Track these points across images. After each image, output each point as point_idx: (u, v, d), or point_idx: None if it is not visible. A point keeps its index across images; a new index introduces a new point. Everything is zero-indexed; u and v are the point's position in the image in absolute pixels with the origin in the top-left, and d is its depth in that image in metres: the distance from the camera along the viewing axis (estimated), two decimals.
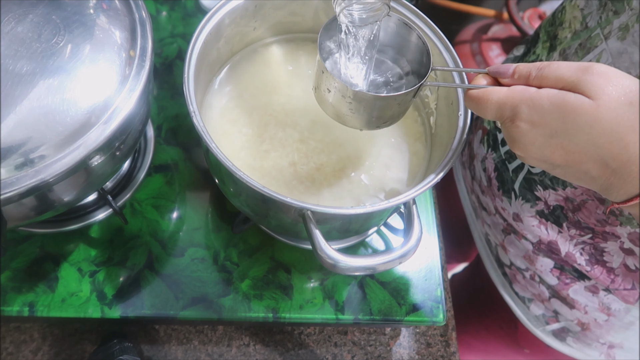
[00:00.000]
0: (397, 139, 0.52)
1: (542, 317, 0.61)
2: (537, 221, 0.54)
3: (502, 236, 0.61)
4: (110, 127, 0.38)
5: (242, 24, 0.51)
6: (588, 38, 0.47)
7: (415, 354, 0.56)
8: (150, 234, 0.54)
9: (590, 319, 0.56)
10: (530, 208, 0.54)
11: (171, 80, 0.64)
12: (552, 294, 0.58)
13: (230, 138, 0.49)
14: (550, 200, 0.51)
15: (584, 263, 0.52)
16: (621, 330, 0.55)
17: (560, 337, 0.61)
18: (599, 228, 0.49)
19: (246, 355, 0.54)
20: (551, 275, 0.56)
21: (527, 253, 0.57)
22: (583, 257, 0.52)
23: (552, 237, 0.53)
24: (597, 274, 0.51)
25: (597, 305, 0.54)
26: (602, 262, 0.51)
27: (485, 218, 0.64)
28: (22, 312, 0.49)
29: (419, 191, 0.40)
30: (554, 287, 0.57)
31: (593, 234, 0.50)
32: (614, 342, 0.57)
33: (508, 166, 0.56)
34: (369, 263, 0.39)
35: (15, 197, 0.35)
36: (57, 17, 0.39)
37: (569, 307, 0.57)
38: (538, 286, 0.59)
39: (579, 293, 0.55)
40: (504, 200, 0.58)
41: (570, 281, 0.55)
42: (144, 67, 0.41)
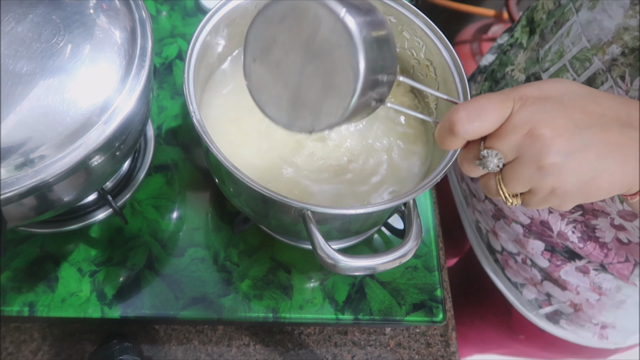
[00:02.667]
0: (399, 138, 0.52)
1: (535, 301, 0.61)
2: None
3: (492, 222, 0.61)
4: (110, 127, 0.38)
5: (242, 24, 0.51)
6: (561, 14, 0.48)
7: (415, 354, 0.56)
8: (150, 234, 0.54)
9: (582, 300, 0.57)
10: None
11: (171, 80, 0.64)
12: (544, 277, 0.58)
13: (230, 138, 0.49)
14: None
15: (577, 240, 0.52)
16: (612, 309, 0.56)
17: (554, 319, 0.61)
18: (588, 206, 0.49)
19: (246, 355, 0.54)
20: (542, 258, 0.57)
21: (518, 237, 0.58)
22: (575, 234, 0.52)
23: (544, 216, 0.53)
24: (591, 249, 0.52)
25: (589, 285, 0.55)
26: (594, 238, 0.51)
27: (475, 205, 0.64)
28: (22, 312, 0.49)
29: (419, 191, 0.40)
30: (546, 270, 0.57)
31: (583, 211, 0.50)
32: (606, 322, 0.58)
33: None
34: (369, 263, 0.39)
35: (15, 197, 0.35)
36: (57, 17, 0.39)
37: (561, 288, 0.57)
38: (530, 270, 0.59)
39: (570, 274, 0.55)
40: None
41: (561, 263, 0.55)
42: (144, 67, 0.41)
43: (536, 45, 0.52)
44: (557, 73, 0.48)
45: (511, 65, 0.57)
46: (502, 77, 0.59)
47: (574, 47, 0.46)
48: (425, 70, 0.52)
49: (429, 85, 0.53)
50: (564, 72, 0.48)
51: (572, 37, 0.46)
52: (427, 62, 0.52)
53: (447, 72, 0.48)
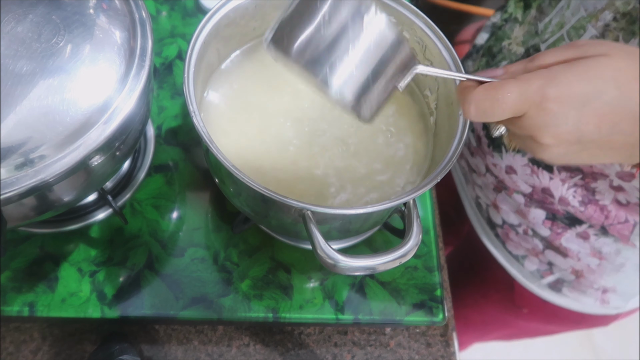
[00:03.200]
0: (398, 138, 0.52)
1: (537, 272, 0.63)
2: (529, 169, 0.55)
3: (493, 195, 0.62)
4: (110, 127, 0.38)
5: (242, 24, 0.51)
6: None
7: (415, 354, 0.56)
8: (150, 234, 0.54)
9: (584, 265, 0.58)
10: (522, 157, 0.56)
11: (171, 80, 0.63)
12: (545, 246, 0.60)
13: (230, 137, 0.49)
14: None
15: (578, 204, 0.53)
16: (613, 273, 0.58)
17: (556, 288, 0.63)
18: (588, 169, 0.51)
19: (246, 355, 0.54)
20: (543, 227, 0.58)
21: (519, 207, 0.59)
22: (576, 198, 0.53)
23: (545, 183, 0.55)
24: (591, 212, 0.53)
25: (589, 250, 0.56)
26: (594, 201, 0.52)
27: (475, 180, 0.65)
28: (22, 312, 0.49)
29: (419, 191, 0.40)
30: (547, 239, 0.59)
31: (583, 175, 0.51)
32: (607, 286, 0.60)
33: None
34: (369, 263, 0.39)
35: (15, 197, 0.35)
36: (57, 17, 0.39)
37: (562, 256, 0.59)
38: (531, 240, 0.60)
39: (570, 241, 0.57)
40: (494, 156, 0.59)
41: (562, 230, 0.57)
42: (144, 67, 0.41)
43: (533, 19, 0.54)
44: (555, 43, 0.50)
45: (507, 40, 0.58)
46: (498, 51, 0.60)
47: (573, 18, 0.47)
48: None
49: (429, 85, 0.53)
50: (560, 42, 0.49)
51: (572, 9, 0.48)
52: (427, 62, 0.52)
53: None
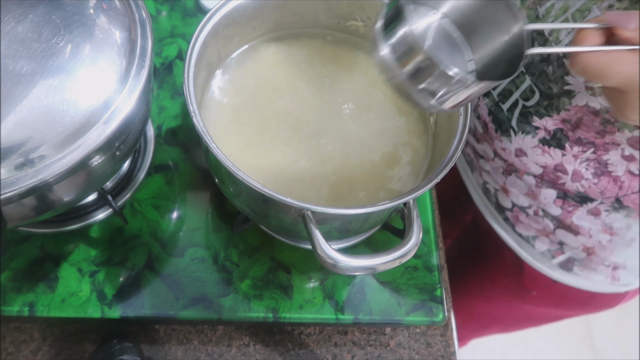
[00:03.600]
0: (399, 138, 0.52)
1: (548, 252, 0.63)
2: (540, 150, 0.56)
3: (502, 179, 0.63)
4: (110, 127, 0.38)
5: (242, 24, 0.51)
6: None
7: (415, 354, 0.56)
8: (150, 234, 0.54)
9: (595, 242, 0.59)
10: (532, 139, 0.56)
11: (171, 80, 0.64)
12: (556, 225, 0.60)
13: (230, 137, 0.49)
14: (549, 125, 0.54)
15: (591, 177, 0.54)
16: (623, 248, 0.59)
17: (567, 267, 0.63)
18: (599, 140, 0.51)
19: (246, 355, 0.54)
20: (555, 205, 0.59)
21: (530, 188, 0.60)
22: (589, 171, 0.54)
23: (558, 160, 0.55)
24: (605, 184, 0.54)
25: (600, 226, 0.57)
26: (607, 172, 0.53)
27: (483, 166, 0.65)
28: (22, 312, 0.49)
29: (419, 191, 0.40)
30: (558, 217, 0.59)
31: (595, 148, 0.52)
32: (618, 263, 0.61)
33: (502, 107, 0.58)
34: (369, 263, 0.39)
35: (15, 197, 0.35)
36: (57, 17, 0.39)
37: (573, 234, 0.59)
38: (542, 220, 0.61)
39: (582, 218, 0.58)
40: (503, 140, 0.59)
41: (573, 208, 0.57)
42: (144, 67, 0.41)
43: (532, 4, 0.54)
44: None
45: None
46: None
47: (578, 2, 0.47)
48: None
49: None
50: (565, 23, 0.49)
51: None
52: None
53: None
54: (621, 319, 1.51)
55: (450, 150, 0.43)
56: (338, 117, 0.52)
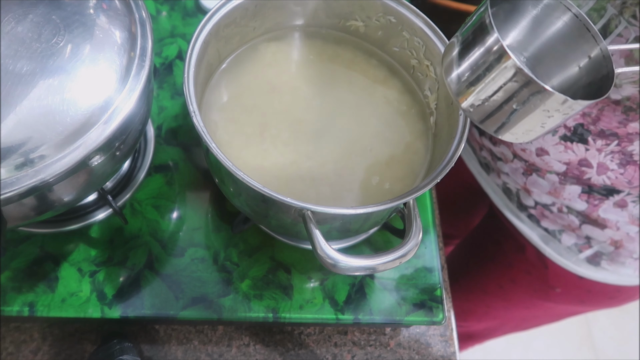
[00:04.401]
0: (399, 138, 0.52)
1: (575, 246, 0.63)
2: (562, 147, 0.56)
3: (523, 179, 0.63)
4: (110, 127, 0.38)
5: (242, 24, 0.51)
6: None
7: (415, 354, 0.56)
8: (150, 234, 0.54)
9: (623, 235, 0.59)
10: (553, 137, 0.56)
11: (171, 80, 0.64)
12: (582, 221, 0.60)
13: (231, 137, 0.49)
14: (569, 122, 0.54)
15: (617, 167, 0.54)
16: None
17: (595, 262, 0.63)
18: (622, 130, 0.51)
19: (246, 355, 0.54)
20: (580, 200, 0.59)
21: (554, 186, 0.60)
22: (614, 162, 0.54)
23: (581, 155, 0.55)
24: (632, 173, 0.54)
25: (627, 218, 0.57)
26: (632, 162, 0.53)
27: (501, 167, 0.65)
28: (22, 312, 0.49)
29: (419, 191, 0.40)
30: (584, 212, 0.59)
31: (618, 139, 0.52)
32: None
33: None
34: (369, 263, 0.39)
35: (15, 197, 0.35)
36: (57, 17, 0.39)
37: (600, 228, 0.59)
38: (567, 217, 0.61)
39: (608, 211, 0.58)
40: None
41: (599, 202, 0.57)
42: (144, 67, 0.41)
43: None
44: None
45: None
46: None
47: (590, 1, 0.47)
48: (425, 70, 0.52)
49: (429, 85, 0.53)
50: None
51: None
52: (427, 62, 0.52)
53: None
54: (621, 319, 1.51)
55: (450, 150, 0.43)
56: (338, 117, 0.52)
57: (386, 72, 0.56)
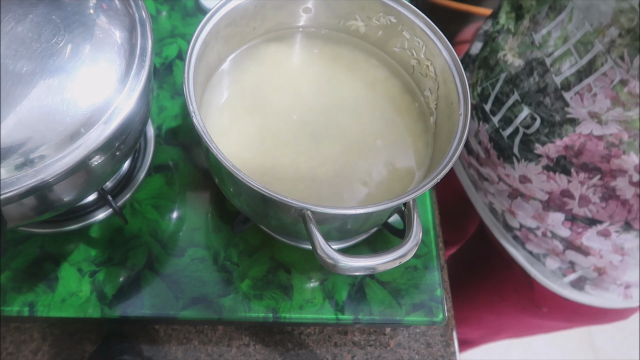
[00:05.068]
0: (399, 138, 0.52)
1: (559, 270, 0.62)
2: (545, 176, 0.55)
3: (508, 202, 0.62)
4: (110, 127, 0.38)
5: (242, 24, 0.51)
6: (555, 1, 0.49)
7: (415, 354, 0.56)
8: (150, 234, 0.54)
9: (606, 262, 0.58)
10: (535, 166, 0.55)
11: (171, 80, 0.64)
12: (565, 246, 0.59)
13: (231, 137, 0.49)
14: (552, 153, 0.53)
15: (599, 201, 0.53)
16: (635, 267, 0.58)
17: (579, 286, 0.62)
18: (606, 166, 0.50)
19: (246, 355, 0.54)
20: (563, 227, 0.58)
21: (537, 211, 0.59)
22: (596, 195, 0.53)
23: (564, 186, 0.55)
24: (613, 207, 0.53)
25: (611, 247, 0.56)
26: (615, 196, 0.52)
27: (488, 188, 0.65)
28: (22, 312, 0.49)
29: (419, 191, 0.40)
30: (567, 239, 0.58)
31: (601, 174, 0.51)
32: (630, 281, 0.60)
33: (502, 134, 0.58)
34: (369, 263, 0.39)
35: (15, 197, 0.35)
36: (57, 17, 0.39)
37: (583, 255, 0.58)
38: (551, 241, 0.60)
39: (592, 239, 0.57)
40: (506, 167, 0.59)
41: (582, 229, 0.57)
42: (144, 67, 0.41)
43: (527, 30, 0.53)
44: (561, 57, 0.50)
45: (502, 51, 0.58)
46: (495, 63, 0.60)
47: (577, 32, 0.47)
48: (425, 70, 0.52)
49: (429, 85, 0.53)
50: (567, 56, 0.49)
51: (576, 23, 0.48)
52: (427, 62, 0.52)
53: (447, 72, 0.48)
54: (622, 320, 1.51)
55: (450, 150, 0.43)
56: (338, 117, 0.52)
57: (386, 72, 0.56)
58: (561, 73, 0.50)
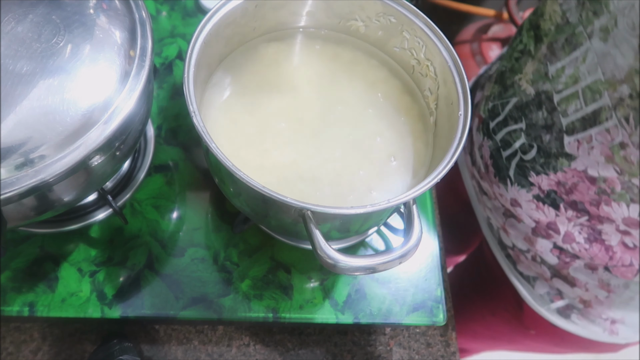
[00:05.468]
0: (399, 138, 0.52)
1: (547, 295, 0.61)
2: (534, 205, 0.55)
3: (502, 219, 0.62)
4: (110, 127, 0.38)
5: (242, 24, 0.51)
6: (572, 34, 0.47)
7: (415, 354, 0.56)
8: (150, 234, 0.54)
9: (592, 296, 0.57)
10: (527, 193, 0.55)
11: (171, 80, 0.64)
12: (553, 274, 0.58)
13: (231, 137, 0.49)
14: (544, 185, 0.52)
15: (583, 241, 0.52)
16: (622, 305, 0.57)
17: (565, 314, 0.61)
18: (594, 210, 0.50)
19: (246, 355, 0.54)
20: (551, 254, 0.57)
21: (527, 235, 0.58)
22: (582, 235, 0.52)
23: (551, 218, 0.54)
24: (596, 251, 0.52)
25: (597, 282, 0.55)
26: (600, 240, 0.51)
27: (486, 202, 0.64)
28: (22, 312, 0.49)
29: (419, 191, 0.40)
30: (555, 267, 0.57)
31: (589, 217, 0.50)
32: (616, 318, 0.59)
33: (502, 153, 0.57)
34: (369, 263, 0.39)
35: (15, 197, 0.35)
36: (57, 17, 0.39)
37: (570, 285, 0.58)
38: (540, 266, 0.60)
39: (579, 271, 0.55)
40: (500, 186, 0.59)
41: (570, 260, 0.55)
42: (144, 67, 0.41)
43: (544, 58, 0.51)
44: (569, 98, 0.48)
45: (519, 74, 0.56)
46: (510, 84, 0.58)
47: (589, 77, 0.45)
48: (425, 70, 0.52)
49: (429, 85, 0.53)
50: (574, 99, 0.47)
51: (589, 66, 0.45)
52: (427, 62, 0.52)
53: (447, 72, 0.48)
54: None
55: (450, 150, 0.43)
56: (338, 117, 0.52)
57: (386, 73, 0.56)
58: (567, 115, 0.48)
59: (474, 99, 0.67)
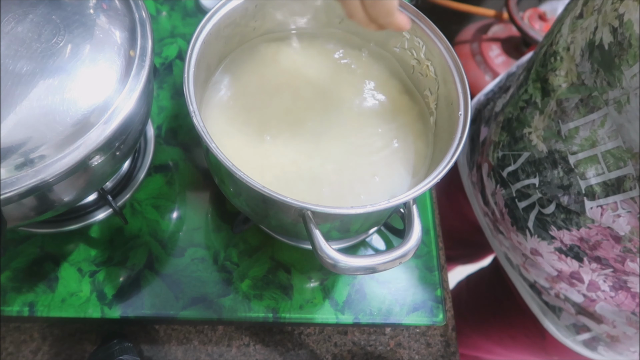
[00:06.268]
0: (399, 138, 0.52)
1: (573, 326, 0.59)
2: (556, 257, 0.53)
3: (522, 259, 0.59)
4: (110, 127, 0.38)
5: (242, 24, 0.51)
6: (589, 97, 0.44)
7: (415, 354, 0.56)
8: (150, 234, 0.54)
9: (619, 332, 0.55)
10: (548, 245, 0.53)
11: (171, 80, 0.64)
12: (578, 311, 0.57)
13: (231, 137, 0.49)
14: (566, 239, 0.50)
15: (608, 289, 0.51)
16: None
17: (592, 346, 0.60)
18: (619, 266, 0.48)
19: (246, 355, 0.54)
20: (577, 293, 0.55)
21: (550, 276, 0.56)
22: (607, 283, 0.51)
23: (574, 269, 0.52)
24: (622, 299, 0.51)
25: (625, 319, 0.53)
26: (626, 288, 0.50)
27: (502, 241, 0.62)
28: (22, 312, 0.49)
29: (419, 191, 0.40)
30: (580, 305, 0.56)
31: (614, 270, 0.49)
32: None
33: (518, 204, 0.55)
34: (369, 263, 0.39)
35: (15, 197, 0.35)
36: (57, 17, 0.39)
37: (596, 322, 0.56)
38: (564, 304, 0.58)
39: (605, 309, 0.54)
40: (519, 235, 0.56)
41: (597, 298, 0.53)
42: (144, 67, 0.41)
43: (554, 115, 0.49)
44: (587, 161, 0.46)
45: (528, 127, 0.53)
46: (520, 137, 0.54)
47: (609, 142, 0.43)
48: (425, 70, 0.52)
49: (429, 85, 0.53)
50: (594, 162, 0.45)
51: (608, 131, 0.43)
52: (427, 62, 0.52)
53: (447, 72, 0.48)
54: None
55: (450, 151, 0.43)
56: (338, 117, 0.52)
57: (386, 73, 0.56)
58: (586, 178, 0.46)
59: (479, 134, 0.64)
